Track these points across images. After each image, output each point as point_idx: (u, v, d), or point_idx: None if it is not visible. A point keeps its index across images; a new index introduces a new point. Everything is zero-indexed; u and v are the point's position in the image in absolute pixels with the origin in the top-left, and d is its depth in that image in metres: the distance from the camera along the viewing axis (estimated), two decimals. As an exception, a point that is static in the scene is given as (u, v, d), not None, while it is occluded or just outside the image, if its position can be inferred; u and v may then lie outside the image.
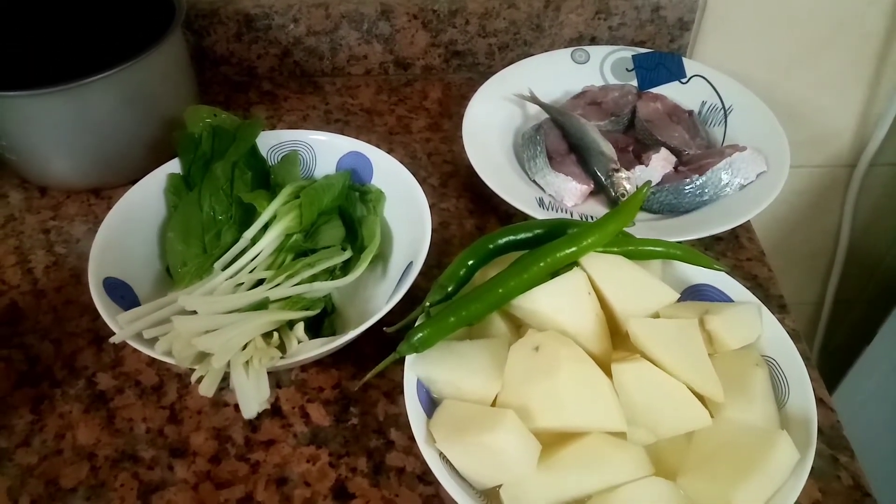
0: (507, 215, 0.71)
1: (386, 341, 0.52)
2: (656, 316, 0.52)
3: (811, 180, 1.08)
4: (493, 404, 0.48)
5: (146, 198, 0.63)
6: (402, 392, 0.54)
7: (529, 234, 0.55)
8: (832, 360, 1.31)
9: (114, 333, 0.50)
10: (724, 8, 0.86)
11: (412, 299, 0.55)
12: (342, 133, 0.76)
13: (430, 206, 0.61)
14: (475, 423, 0.45)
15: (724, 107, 0.78)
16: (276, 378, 0.57)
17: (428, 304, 0.52)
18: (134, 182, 0.63)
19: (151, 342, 0.50)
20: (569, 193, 0.70)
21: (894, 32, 0.90)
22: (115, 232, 0.59)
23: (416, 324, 0.50)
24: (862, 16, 0.88)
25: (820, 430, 0.49)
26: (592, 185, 0.71)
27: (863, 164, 1.03)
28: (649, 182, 0.54)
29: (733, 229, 0.68)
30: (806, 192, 1.09)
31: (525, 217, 0.66)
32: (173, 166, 0.65)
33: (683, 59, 0.82)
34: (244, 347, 0.49)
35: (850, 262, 1.17)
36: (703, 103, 0.79)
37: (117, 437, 0.54)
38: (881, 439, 1.09)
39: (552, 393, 0.45)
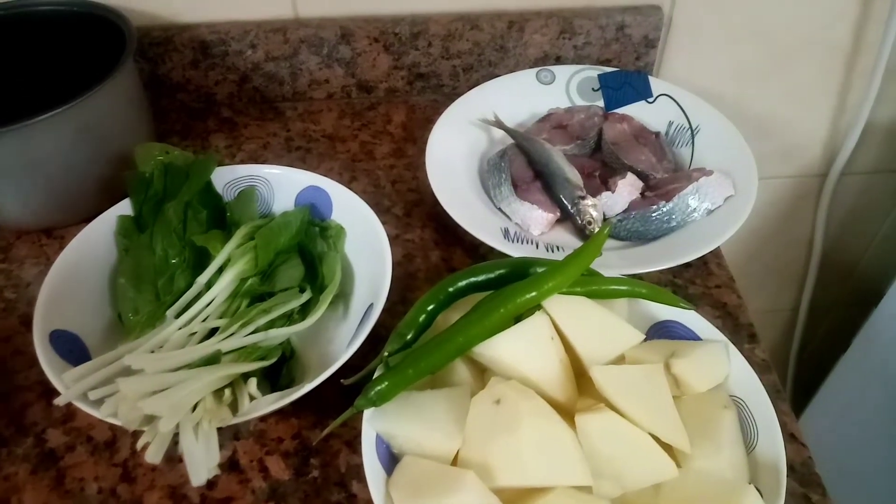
0: (473, 246, 0.69)
1: (348, 386, 0.51)
2: (622, 358, 0.50)
3: (783, 190, 1.07)
4: (455, 460, 0.46)
5: (95, 242, 0.61)
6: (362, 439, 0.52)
7: (491, 276, 0.53)
8: (808, 366, 1.31)
9: (55, 400, 0.48)
10: (689, 24, 0.85)
11: (375, 339, 0.53)
12: (304, 161, 0.75)
13: (394, 237, 0.59)
14: (435, 484, 0.43)
15: (691, 127, 0.77)
16: (234, 430, 0.55)
17: (387, 353, 0.50)
18: (88, 220, 0.61)
19: (98, 403, 0.48)
20: (535, 222, 0.68)
21: (861, 43, 0.90)
22: (62, 281, 0.57)
23: (375, 375, 0.49)
24: (829, 28, 0.88)
25: (791, 468, 0.48)
26: (559, 213, 0.69)
27: (834, 174, 1.03)
28: (611, 223, 0.53)
29: (702, 255, 0.67)
30: (779, 202, 1.09)
31: (491, 249, 0.64)
32: (124, 207, 0.63)
33: (650, 77, 0.81)
34: (194, 407, 0.47)
35: (824, 270, 1.17)
36: (671, 123, 0.78)
37: (67, 499, 0.52)
38: (860, 448, 1.09)
39: (514, 450, 0.43)
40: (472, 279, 0.53)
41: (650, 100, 0.80)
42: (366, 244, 0.62)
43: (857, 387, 1.10)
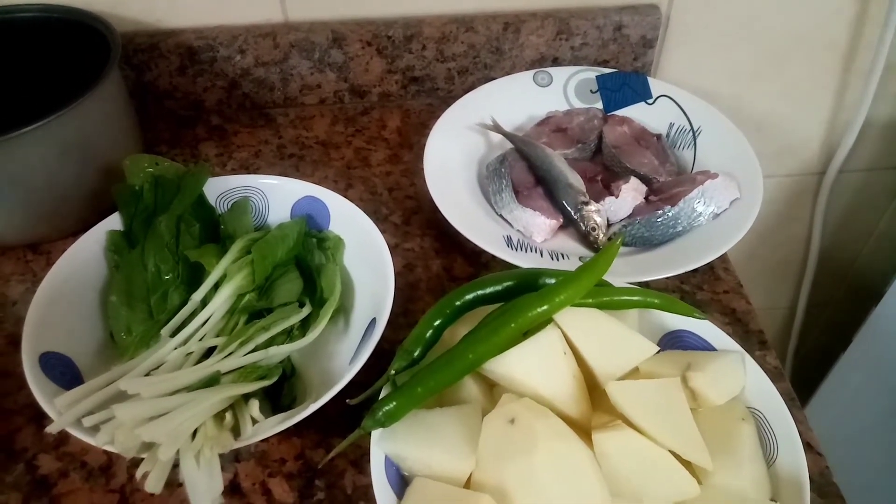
0: (475, 254, 0.68)
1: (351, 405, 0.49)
2: (636, 371, 0.49)
3: (781, 189, 1.06)
4: (468, 482, 0.44)
5: (84, 259, 0.58)
6: (370, 461, 0.50)
7: (499, 288, 0.52)
8: (806, 364, 1.31)
9: (46, 428, 0.46)
10: (686, 24, 0.84)
11: (378, 353, 0.51)
12: (297, 169, 0.73)
13: (393, 247, 0.57)
14: (449, 509, 0.41)
15: (692, 128, 0.75)
16: (235, 452, 0.53)
17: (393, 371, 0.48)
18: (75, 234, 0.59)
19: (93, 430, 0.46)
20: (537, 229, 0.67)
21: (858, 41, 0.89)
22: (51, 300, 0.54)
23: (382, 394, 0.47)
24: (825, 26, 0.87)
25: (810, 479, 0.47)
26: (561, 220, 0.68)
27: (832, 172, 1.02)
28: (622, 236, 0.51)
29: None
30: (776, 201, 1.08)
31: (493, 257, 0.63)
32: (113, 222, 0.60)
33: (649, 78, 0.79)
34: (194, 433, 0.45)
35: (822, 268, 1.16)
36: (671, 125, 0.77)
37: (61, 530, 0.50)
38: (860, 447, 1.09)
39: (530, 472, 0.42)
40: (480, 292, 0.51)
41: (650, 101, 0.79)
42: (365, 255, 0.60)
43: (857, 385, 1.10)
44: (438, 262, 0.68)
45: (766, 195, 1.05)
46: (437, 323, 0.50)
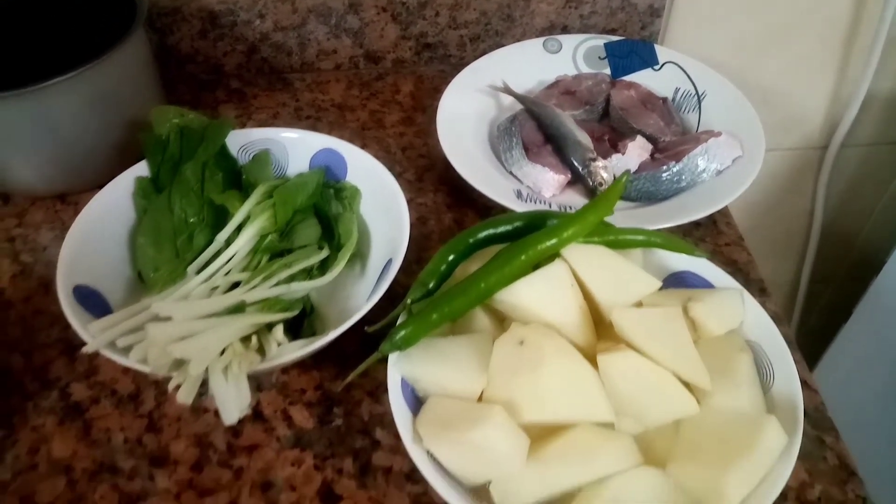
0: (486, 208, 0.70)
1: (367, 339, 0.51)
2: (639, 305, 0.51)
3: (784, 163, 1.08)
4: (480, 400, 0.47)
5: (114, 202, 0.61)
6: (386, 391, 0.53)
7: (509, 227, 0.54)
8: (809, 339, 1.33)
9: (86, 343, 0.48)
10: (693, -7, 0.86)
11: (392, 297, 0.54)
12: (314, 130, 0.75)
13: (407, 201, 0.60)
14: (462, 419, 0.44)
15: (697, 93, 0.78)
16: (257, 382, 0.56)
17: (409, 301, 0.51)
18: (100, 187, 0.61)
19: (126, 351, 0.49)
20: (546, 184, 0.69)
21: (861, 15, 0.91)
22: (83, 239, 0.57)
23: (398, 322, 0.50)
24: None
25: (805, 412, 0.49)
26: (570, 175, 0.70)
27: (834, 146, 1.04)
28: (628, 171, 0.54)
29: (711, 215, 0.68)
30: (779, 175, 1.10)
31: (504, 210, 0.65)
32: (141, 169, 0.63)
33: (655, 45, 0.82)
34: (222, 353, 0.48)
35: (825, 243, 1.18)
36: (677, 90, 0.79)
37: (94, 449, 0.53)
38: (859, 418, 1.11)
39: (538, 386, 0.44)
40: (492, 231, 0.54)
41: (656, 67, 0.81)
42: (381, 203, 0.63)
43: (858, 357, 1.12)
44: (450, 215, 0.71)
45: (770, 169, 1.09)
46: (451, 258, 0.53)
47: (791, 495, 0.50)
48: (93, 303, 0.54)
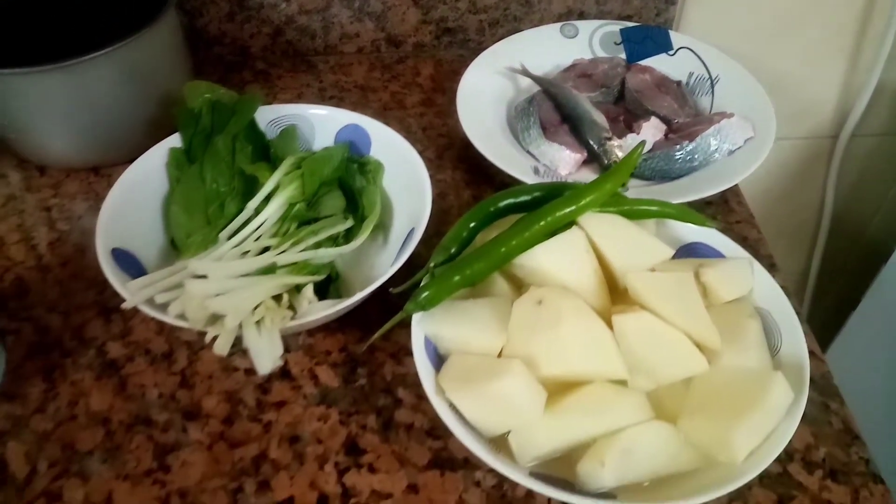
0: (503, 185, 0.71)
1: (389, 306, 0.54)
2: (652, 271, 0.54)
3: (794, 152, 1.10)
4: (499, 357, 0.49)
5: (148, 171, 0.64)
6: (407, 354, 0.56)
7: (528, 197, 0.57)
8: (818, 329, 1.34)
9: (121, 304, 0.51)
10: (708, -20, 0.88)
11: (413, 267, 0.56)
12: (338, 109, 0.77)
13: (427, 178, 0.62)
14: (483, 372, 0.47)
15: (710, 77, 0.80)
16: (284, 343, 0.58)
17: (432, 265, 0.53)
18: (132, 160, 0.64)
19: (163, 308, 0.52)
20: (563, 162, 0.71)
21: (874, 3, 0.92)
22: (120, 204, 0.60)
23: (422, 284, 0.52)
24: (841, -12, 0.91)
25: (811, 380, 0.51)
26: (585, 154, 0.72)
27: (845, 135, 1.05)
28: (643, 142, 0.55)
29: (723, 194, 0.70)
30: (790, 164, 1.12)
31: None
32: (174, 141, 0.66)
33: (670, 31, 0.84)
34: (255, 309, 0.51)
35: (835, 233, 1.20)
36: (691, 74, 0.81)
37: (130, 403, 0.55)
38: (867, 407, 1.12)
39: (556, 342, 0.46)
40: (512, 200, 0.56)
41: (670, 52, 0.83)
42: (404, 177, 0.65)
43: (865, 346, 1.13)
44: (469, 191, 0.73)
45: (780, 158, 1.11)
46: (472, 225, 0.55)
47: (797, 456, 0.52)
48: (129, 265, 0.57)
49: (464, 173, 0.75)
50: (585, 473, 0.44)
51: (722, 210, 0.71)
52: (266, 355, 0.49)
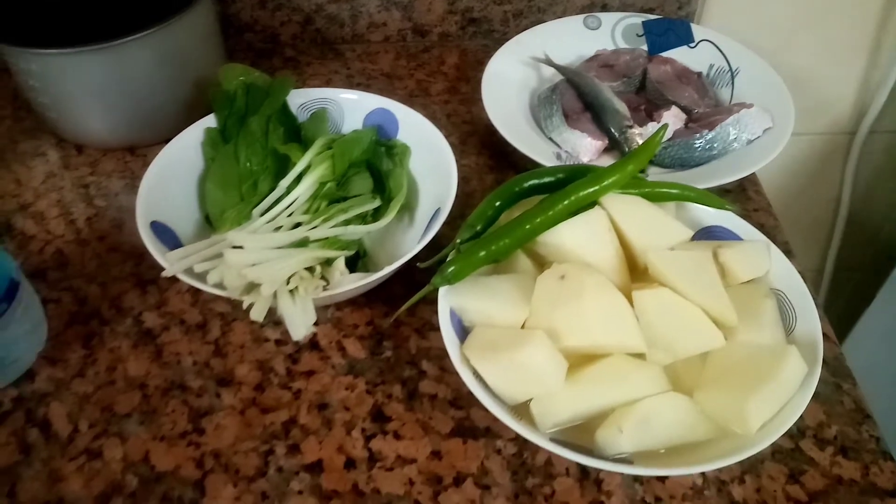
0: (525, 170, 0.73)
1: (414, 282, 0.56)
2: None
3: (812, 147, 1.11)
4: (523, 328, 0.51)
5: (185, 149, 0.66)
6: (431, 329, 0.58)
7: (552, 178, 0.58)
8: (834, 325, 1.35)
9: (159, 277, 0.53)
10: (730, -25, 0.89)
11: (439, 247, 0.58)
12: (365, 95, 0.80)
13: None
14: (507, 342, 0.48)
15: (731, 69, 0.81)
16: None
17: (458, 241, 0.55)
18: (167, 141, 0.66)
19: (201, 277, 0.54)
20: (584, 149, 0.73)
21: (893, 1, 0.93)
22: (158, 180, 0.62)
23: (448, 258, 0.54)
24: (862, -17, 0.91)
25: (824, 361, 0.52)
26: (607, 141, 0.74)
27: (863, 131, 1.06)
28: (665, 125, 0.57)
29: (741, 182, 0.72)
30: (807, 160, 1.13)
31: (543, 170, 0.69)
32: (209, 121, 0.68)
33: (692, 24, 0.85)
34: (289, 279, 0.53)
35: (851, 230, 1.20)
36: (711, 66, 0.83)
37: (166, 369, 0.58)
38: (882, 403, 1.13)
39: (578, 315, 0.48)
40: (536, 181, 0.58)
41: (692, 45, 0.85)
42: (430, 160, 0.67)
43: (879, 341, 1.14)
44: (492, 176, 0.75)
45: (797, 154, 1.12)
46: (497, 203, 0.57)
47: (809, 433, 0.54)
48: (167, 237, 0.59)
49: (487, 159, 0.77)
50: (604, 439, 0.46)
51: (740, 198, 0.72)
52: (300, 322, 0.51)
